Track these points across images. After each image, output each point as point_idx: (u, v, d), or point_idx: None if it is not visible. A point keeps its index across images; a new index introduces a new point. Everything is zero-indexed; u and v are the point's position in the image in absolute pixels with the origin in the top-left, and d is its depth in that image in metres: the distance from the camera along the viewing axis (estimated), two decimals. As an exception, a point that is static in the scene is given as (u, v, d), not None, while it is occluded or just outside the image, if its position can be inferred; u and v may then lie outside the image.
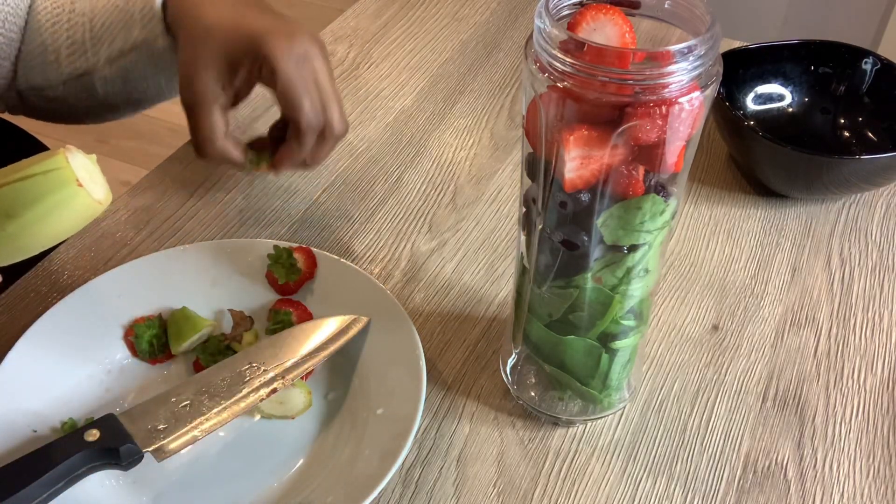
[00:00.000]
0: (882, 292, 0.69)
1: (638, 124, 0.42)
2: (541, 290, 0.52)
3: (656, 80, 0.41)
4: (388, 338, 0.60)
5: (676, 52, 0.41)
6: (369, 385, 0.59)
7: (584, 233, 0.48)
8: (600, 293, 0.50)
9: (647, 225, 0.47)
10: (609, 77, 0.41)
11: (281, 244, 0.65)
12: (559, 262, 0.50)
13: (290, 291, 0.64)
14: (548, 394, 0.59)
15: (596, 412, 0.58)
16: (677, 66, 0.41)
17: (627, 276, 0.49)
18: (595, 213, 0.46)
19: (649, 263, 0.50)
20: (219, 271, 0.65)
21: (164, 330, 0.62)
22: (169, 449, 0.52)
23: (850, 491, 0.56)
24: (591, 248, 0.48)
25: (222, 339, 0.61)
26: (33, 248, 0.51)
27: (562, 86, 0.42)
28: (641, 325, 0.54)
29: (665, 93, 0.41)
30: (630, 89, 0.41)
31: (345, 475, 0.54)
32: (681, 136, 0.44)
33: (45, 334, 0.59)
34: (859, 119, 0.82)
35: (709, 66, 0.42)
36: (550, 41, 0.42)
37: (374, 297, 0.62)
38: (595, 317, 0.52)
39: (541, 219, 0.49)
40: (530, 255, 0.52)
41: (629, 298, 0.51)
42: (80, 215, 0.51)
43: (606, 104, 0.42)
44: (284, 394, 0.57)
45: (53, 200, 0.49)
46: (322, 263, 0.64)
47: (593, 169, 0.44)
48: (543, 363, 0.56)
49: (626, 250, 0.48)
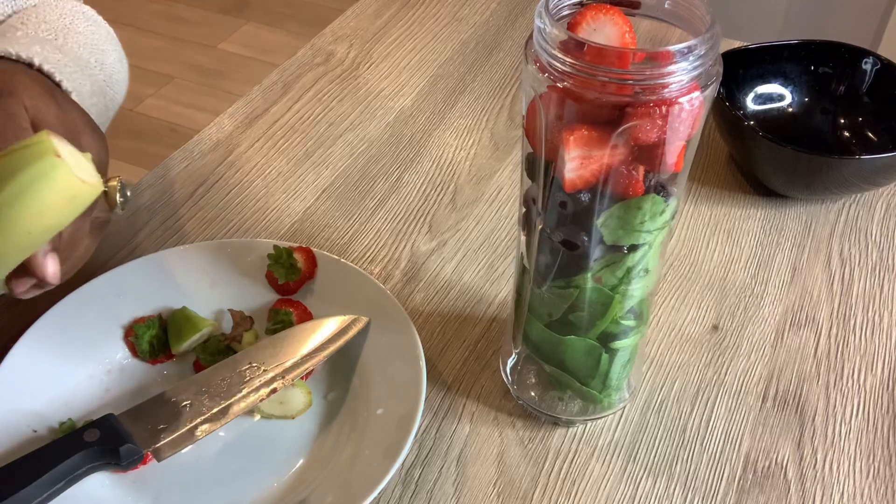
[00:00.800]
0: (882, 292, 0.69)
1: (638, 124, 0.42)
2: (541, 290, 0.52)
3: (656, 80, 0.41)
4: (389, 338, 0.60)
5: (676, 52, 0.41)
6: (369, 385, 0.59)
7: (584, 233, 0.48)
8: (600, 293, 0.50)
9: (647, 225, 0.47)
10: (609, 77, 0.41)
11: (281, 244, 0.64)
12: (559, 262, 0.50)
13: (290, 291, 0.64)
14: (548, 394, 0.59)
15: (596, 412, 0.58)
16: (677, 66, 0.41)
17: (627, 276, 0.49)
18: (595, 213, 0.46)
19: (649, 263, 0.50)
20: (219, 271, 0.65)
21: (165, 330, 0.62)
22: (169, 449, 0.52)
23: (850, 491, 0.56)
24: (591, 248, 0.48)
25: (222, 339, 0.61)
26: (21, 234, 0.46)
27: (562, 86, 0.42)
28: (641, 325, 0.54)
29: (665, 93, 0.41)
30: (630, 89, 0.41)
31: (345, 475, 0.54)
32: (681, 136, 0.44)
33: (45, 334, 0.59)
34: (859, 119, 0.82)
35: (709, 66, 0.42)
36: (550, 41, 0.42)
37: (375, 297, 0.62)
38: (595, 317, 0.52)
39: (541, 219, 0.49)
40: (530, 255, 0.52)
41: (629, 298, 0.51)
42: (64, 192, 0.46)
43: (606, 104, 0.42)
44: (284, 394, 0.57)
45: (31, 173, 0.45)
46: (322, 263, 0.64)
47: (593, 169, 0.44)
48: (543, 363, 0.56)
49: (626, 250, 0.48)
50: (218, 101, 2.30)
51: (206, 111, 2.26)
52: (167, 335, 0.62)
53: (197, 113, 2.27)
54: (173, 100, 2.32)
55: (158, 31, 2.57)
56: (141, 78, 2.31)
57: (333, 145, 0.83)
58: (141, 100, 2.29)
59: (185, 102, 2.32)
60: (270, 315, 0.63)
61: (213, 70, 2.43)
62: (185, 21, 2.62)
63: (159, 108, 2.29)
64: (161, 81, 2.37)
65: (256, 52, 2.49)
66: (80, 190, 0.46)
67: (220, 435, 0.57)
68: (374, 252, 0.72)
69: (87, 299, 0.61)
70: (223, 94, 2.34)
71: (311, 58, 0.94)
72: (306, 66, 0.93)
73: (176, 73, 2.41)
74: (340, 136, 0.84)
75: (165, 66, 2.43)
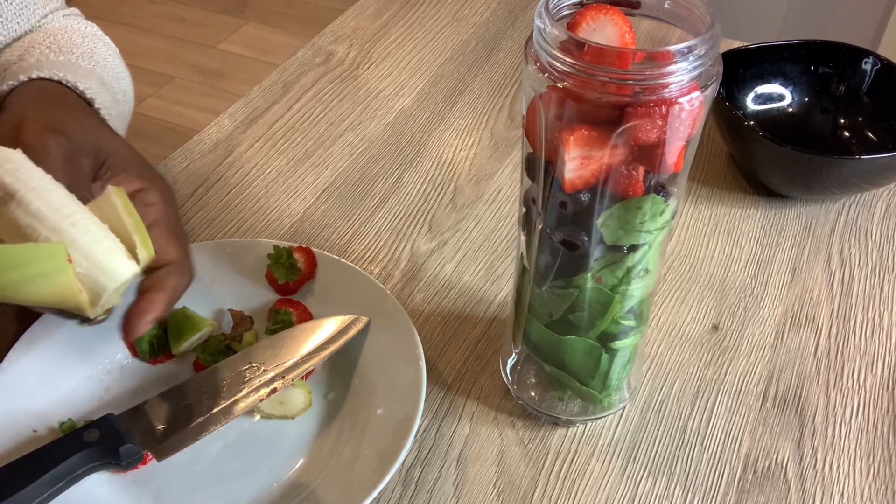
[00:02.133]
0: (882, 292, 0.69)
1: (638, 124, 0.42)
2: (541, 290, 0.52)
3: (656, 80, 0.41)
4: (389, 338, 0.60)
5: (676, 52, 0.41)
6: (369, 385, 0.59)
7: (584, 233, 0.48)
8: (600, 293, 0.50)
9: (647, 225, 0.47)
10: (609, 77, 0.41)
11: (281, 244, 0.64)
12: (559, 262, 0.50)
13: (290, 291, 0.64)
14: (548, 394, 0.59)
15: (596, 412, 0.58)
16: (677, 66, 0.41)
17: (627, 276, 0.49)
18: (595, 213, 0.46)
19: (649, 263, 0.50)
20: (219, 271, 0.65)
21: (165, 330, 0.62)
22: (169, 449, 0.52)
23: (850, 491, 0.56)
24: (591, 248, 0.48)
25: (222, 339, 0.61)
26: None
27: (562, 86, 0.42)
28: (641, 325, 0.54)
29: (665, 93, 0.41)
30: (630, 89, 0.41)
31: (345, 475, 0.54)
32: (681, 136, 0.44)
33: (45, 334, 0.59)
34: (859, 119, 0.82)
35: (709, 66, 0.42)
36: (550, 41, 0.42)
37: (375, 297, 0.62)
38: (595, 317, 0.52)
39: (541, 219, 0.49)
40: (530, 256, 0.52)
41: (629, 298, 0.51)
42: (59, 294, 0.49)
43: (606, 104, 0.42)
44: (284, 394, 0.57)
45: (39, 268, 0.47)
46: (322, 263, 0.64)
47: (593, 169, 0.44)
48: (543, 363, 0.56)
49: (626, 250, 0.48)
50: (218, 101, 2.30)
51: (206, 111, 2.26)
52: (167, 335, 0.62)
53: (197, 113, 2.27)
54: (173, 100, 2.33)
55: (158, 31, 2.57)
56: (141, 78, 2.31)
57: (333, 145, 0.83)
58: (141, 100, 2.29)
59: (185, 102, 2.32)
60: (270, 315, 0.63)
61: (213, 70, 2.43)
62: (185, 21, 2.63)
63: (159, 108, 2.30)
64: (161, 81, 2.38)
65: (256, 52, 2.49)
66: (72, 298, 0.50)
67: (221, 435, 0.57)
68: (374, 252, 0.72)
69: None
70: (223, 94, 2.34)
71: (311, 58, 0.94)
72: (306, 66, 0.93)
73: (176, 73, 2.42)
74: (340, 136, 0.84)
75: (165, 66, 2.43)
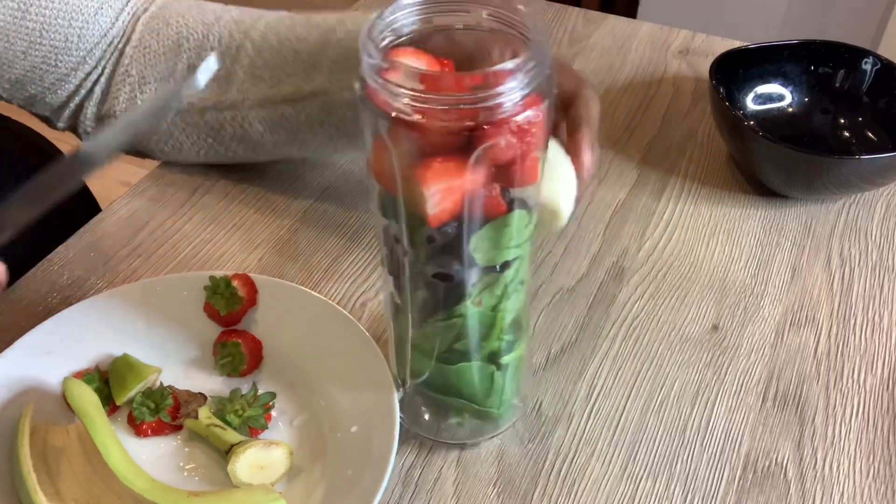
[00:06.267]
0: (882, 292, 0.69)
1: (493, 144, 0.41)
2: (422, 328, 0.51)
3: (494, 101, 0.40)
4: (347, 351, 0.58)
5: (507, 70, 0.40)
6: (338, 406, 0.57)
7: (456, 261, 0.46)
8: (483, 316, 0.49)
9: (515, 240, 0.46)
10: (448, 104, 0.40)
11: (217, 274, 0.61)
12: (437, 297, 0.49)
13: (233, 321, 0.61)
14: (445, 422, 0.57)
15: (493, 430, 0.58)
16: (511, 85, 0.40)
17: (506, 292, 0.49)
18: (465, 239, 0.45)
19: (522, 275, 0.50)
20: (154, 312, 0.61)
21: (106, 382, 0.58)
22: None
23: (850, 491, 0.56)
24: (466, 274, 0.47)
25: (169, 392, 0.58)
26: None
27: (409, 119, 0.40)
28: (524, 335, 0.54)
29: (507, 110, 0.40)
30: (473, 113, 0.40)
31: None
32: (535, 147, 0.43)
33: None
34: (859, 119, 0.82)
35: (544, 76, 0.41)
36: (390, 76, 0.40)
37: (323, 314, 0.59)
38: (481, 339, 0.51)
39: (408, 258, 0.47)
40: (403, 296, 0.50)
41: (509, 313, 0.50)
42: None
43: (456, 130, 0.41)
44: (264, 457, 0.54)
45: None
46: (263, 288, 0.61)
47: (455, 199, 0.43)
48: (437, 395, 0.55)
49: (498, 269, 0.48)
50: (218, 100, 2.30)
51: (206, 111, 2.25)
52: (109, 387, 0.58)
53: (197, 113, 2.27)
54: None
55: (158, 30, 2.56)
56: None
57: (333, 145, 0.83)
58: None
59: (185, 102, 2.32)
60: (217, 350, 0.60)
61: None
62: (185, 21, 2.62)
63: (159, 107, 2.29)
64: (161, 81, 2.37)
65: (256, 52, 2.48)
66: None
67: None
68: (374, 252, 0.72)
69: (18, 363, 0.57)
70: (223, 93, 2.33)
71: (312, 58, 0.94)
72: (306, 66, 0.93)
73: (176, 73, 2.41)
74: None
75: (165, 65, 2.43)
